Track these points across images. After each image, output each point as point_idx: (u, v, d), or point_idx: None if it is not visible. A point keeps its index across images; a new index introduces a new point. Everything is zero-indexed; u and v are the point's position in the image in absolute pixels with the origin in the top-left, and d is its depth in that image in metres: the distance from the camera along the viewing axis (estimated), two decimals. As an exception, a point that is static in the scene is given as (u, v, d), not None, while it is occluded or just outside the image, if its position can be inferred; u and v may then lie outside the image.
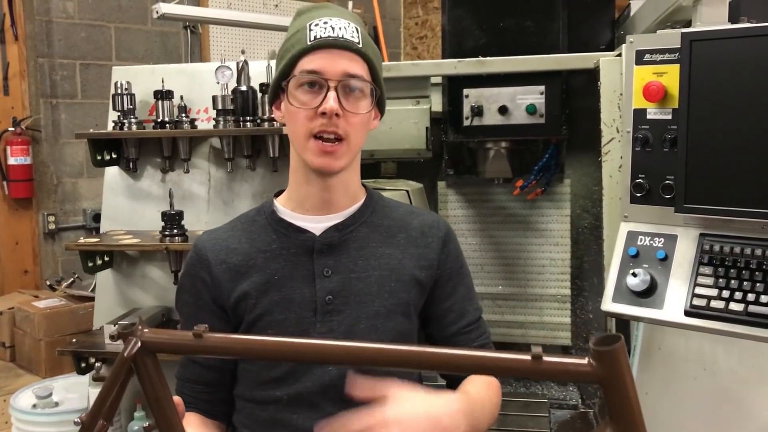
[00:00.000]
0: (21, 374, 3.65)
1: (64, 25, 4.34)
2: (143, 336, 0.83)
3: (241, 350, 0.85)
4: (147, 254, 2.20)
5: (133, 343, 0.82)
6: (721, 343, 1.47)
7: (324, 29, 1.17)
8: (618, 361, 0.73)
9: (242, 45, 4.73)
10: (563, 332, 2.28)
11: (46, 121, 4.31)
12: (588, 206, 2.24)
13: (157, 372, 0.84)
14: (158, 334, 0.84)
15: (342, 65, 1.16)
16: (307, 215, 1.26)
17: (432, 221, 1.33)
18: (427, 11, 5.01)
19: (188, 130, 2.14)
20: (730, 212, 1.26)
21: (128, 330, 0.83)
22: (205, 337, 0.82)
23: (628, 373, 0.74)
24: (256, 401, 1.23)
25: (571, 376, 0.77)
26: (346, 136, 1.17)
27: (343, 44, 1.17)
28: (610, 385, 0.74)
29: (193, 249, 1.29)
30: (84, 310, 3.61)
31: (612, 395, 0.74)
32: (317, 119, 1.16)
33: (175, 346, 0.85)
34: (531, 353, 0.75)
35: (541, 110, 1.96)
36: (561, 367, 0.76)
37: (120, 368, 0.83)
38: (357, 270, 1.23)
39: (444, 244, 1.30)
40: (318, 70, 1.16)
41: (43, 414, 2.50)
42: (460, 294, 1.31)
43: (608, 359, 0.73)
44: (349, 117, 1.17)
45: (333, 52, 1.17)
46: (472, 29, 2.07)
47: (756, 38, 1.21)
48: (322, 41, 1.16)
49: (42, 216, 4.32)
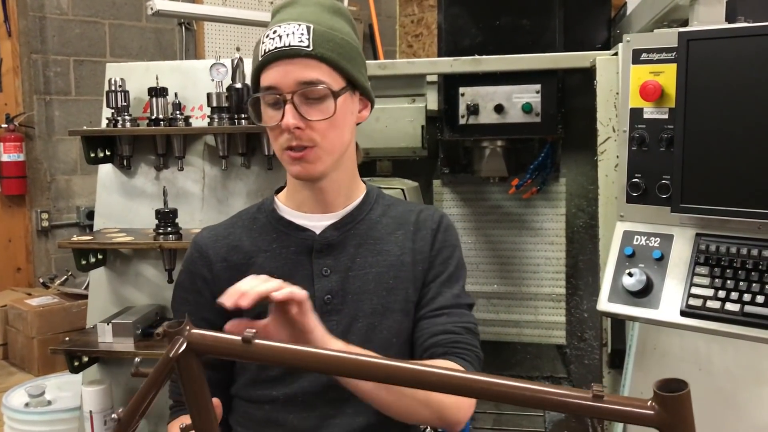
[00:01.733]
0: (13, 372, 3.63)
1: (57, 21, 4.32)
2: (190, 336, 0.80)
3: (291, 359, 0.81)
4: (141, 252, 2.19)
5: (180, 343, 0.80)
6: (717, 343, 1.47)
7: (272, 40, 1.14)
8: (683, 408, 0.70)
9: (237, 42, 4.71)
10: (558, 331, 2.28)
11: (39, 118, 4.29)
12: (583, 205, 2.24)
13: (200, 375, 0.82)
14: (205, 337, 0.81)
15: (293, 75, 1.13)
16: (306, 214, 1.25)
17: (427, 215, 1.31)
18: (423, 9, 5.01)
19: (182, 127, 2.13)
20: (726, 212, 1.25)
21: (175, 329, 0.80)
22: (255, 344, 0.79)
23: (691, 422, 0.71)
24: (252, 400, 1.23)
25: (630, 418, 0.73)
26: (315, 143, 1.15)
27: (290, 53, 1.13)
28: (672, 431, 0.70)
29: (193, 246, 1.27)
30: (77, 308, 3.60)
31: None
32: (283, 135, 1.15)
33: (223, 350, 0.82)
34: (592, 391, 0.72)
35: (536, 109, 1.96)
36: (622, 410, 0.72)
37: (163, 368, 0.81)
38: (355, 268, 1.22)
39: (435, 234, 1.28)
40: (273, 85, 1.14)
41: (36, 413, 2.48)
42: (439, 280, 1.26)
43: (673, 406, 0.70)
44: (313, 125, 1.14)
45: (283, 63, 1.13)
46: (468, 27, 2.07)
47: (753, 38, 1.21)
48: (271, 54, 1.14)
49: (35, 213, 4.30)
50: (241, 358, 0.83)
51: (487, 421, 1.92)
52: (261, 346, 0.80)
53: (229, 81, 2.09)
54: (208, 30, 4.77)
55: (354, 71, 1.19)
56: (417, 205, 1.38)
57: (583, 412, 0.74)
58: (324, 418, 1.19)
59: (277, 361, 0.83)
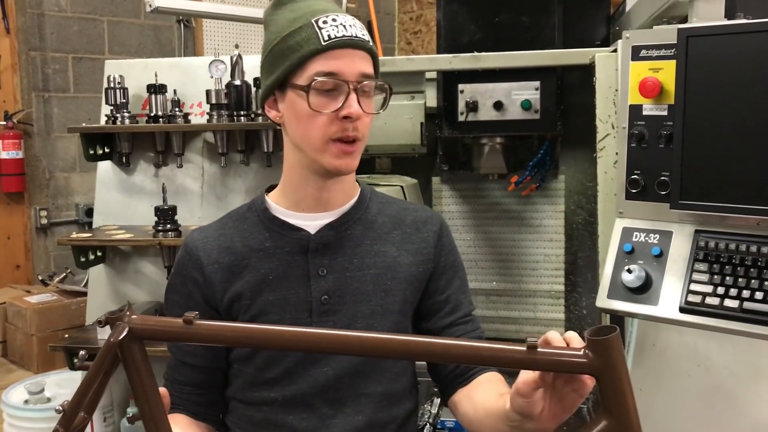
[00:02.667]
0: (13, 369, 3.64)
1: (56, 19, 4.31)
2: (131, 322, 0.81)
3: (231, 338, 0.83)
4: (140, 249, 2.19)
5: (121, 328, 0.80)
6: (715, 340, 1.48)
7: (336, 28, 1.12)
8: (613, 350, 0.72)
9: (236, 39, 4.71)
10: (557, 328, 2.27)
11: (38, 115, 4.28)
12: (582, 202, 2.24)
13: (143, 360, 0.82)
14: (147, 321, 0.82)
15: (359, 66, 1.13)
16: (301, 213, 1.23)
17: (426, 216, 1.31)
18: (422, 6, 5.00)
19: (181, 124, 2.13)
20: (725, 208, 1.25)
21: (116, 315, 0.81)
22: (196, 324, 0.80)
23: (623, 364, 0.73)
24: (250, 402, 1.22)
25: (565, 366, 0.75)
26: (362, 137, 1.15)
27: (359, 44, 1.13)
28: (604, 376, 0.73)
29: (184, 248, 1.26)
30: (76, 305, 3.60)
31: (606, 386, 0.73)
32: (337, 123, 1.12)
33: (164, 333, 0.83)
34: (526, 344, 0.74)
35: (536, 106, 1.95)
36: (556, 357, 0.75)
37: (106, 354, 0.81)
38: (352, 269, 1.21)
39: (438, 237, 1.29)
40: (336, 72, 1.11)
41: (35, 410, 2.49)
42: (455, 286, 1.29)
43: (603, 349, 0.72)
44: (364, 118, 1.14)
45: (349, 53, 1.12)
46: (467, 24, 2.06)
47: (752, 34, 1.21)
48: (338, 41, 1.11)
49: (34, 210, 4.30)
50: (184, 339, 0.83)
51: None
52: (201, 326, 0.81)
53: (228, 78, 2.09)
54: (207, 27, 4.77)
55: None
56: (410, 204, 1.39)
57: (518, 364, 0.76)
58: (323, 418, 1.18)
59: (218, 340, 0.84)
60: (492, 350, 0.76)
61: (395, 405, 1.24)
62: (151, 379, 0.83)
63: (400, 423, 1.24)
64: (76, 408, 0.82)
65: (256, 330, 0.82)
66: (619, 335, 0.72)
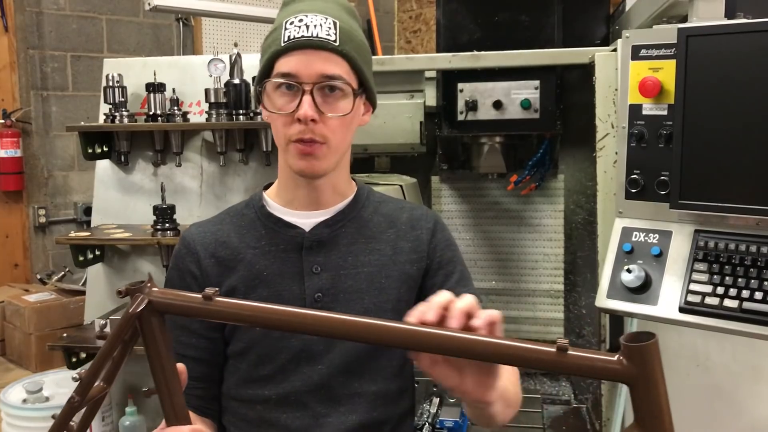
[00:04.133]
0: (11, 368, 3.63)
1: (54, 17, 4.30)
2: (151, 294, 0.80)
3: (250, 316, 0.81)
4: (138, 248, 2.19)
5: (140, 300, 0.80)
6: (714, 340, 1.48)
7: (298, 28, 1.12)
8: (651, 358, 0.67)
9: (235, 38, 4.71)
10: (556, 327, 2.28)
11: (36, 114, 4.28)
12: (581, 202, 2.23)
13: (162, 333, 0.81)
14: (167, 294, 0.81)
15: (317, 67, 1.12)
16: (296, 210, 1.24)
17: (420, 214, 1.30)
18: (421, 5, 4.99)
19: (180, 123, 2.13)
20: (725, 208, 1.25)
21: (136, 287, 0.80)
22: (215, 300, 0.79)
23: (660, 374, 0.67)
24: (244, 400, 1.22)
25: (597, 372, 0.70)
26: (326, 140, 1.14)
27: (318, 44, 1.12)
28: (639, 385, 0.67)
29: (181, 242, 1.27)
30: (75, 304, 3.59)
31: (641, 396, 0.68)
32: (294, 125, 1.12)
33: (183, 308, 0.81)
34: (556, 344, 0.69)
35: (535, 105, 1.95)
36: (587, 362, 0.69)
37: (125, 325, 0.80)
38: (347, 267, 1.21)
39: (432, 234, 1.28)
40: (292, 72, 1.12)
41: (34, 409, 2.48)
42: (453, 280, 1.26)
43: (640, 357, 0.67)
44: (327, 120, 1.13)
45: (307, 53, 1.12)
46: (467, 23, 2.06)
47: (752, 34, 1.21)
48: (296, 42, 1.12)
49: (32, 209, 4.30)
50: (201, 315, 0.82)
51: (485, 418, 1.91)
52: (221, 303, 0.80)
53: (227, 77, 2.08)
54: (206, 25, 4.76)
55: (368, 74, 1.19)
56: (407, 203, 1.38)
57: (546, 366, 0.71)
58: (317, 417, 1.18)
59: (237, 318, 0.82)
60: (518, 349, 0.71)
61: (390, 405, 1.23)
62: (168, 353, 0.82)
63: (395, 423, 1.24)
64: (93, 376, 0.81)
65: (276, 310, 0.80)
66: (657, 343, 0.67)
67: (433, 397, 1.83)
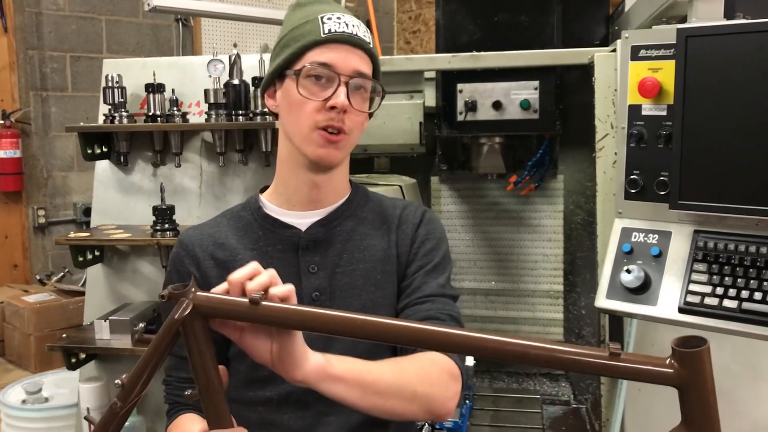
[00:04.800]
0: (10, 369, 3.62)
1: (54, 17, 4.30)
2: (196, 299, 0.80)
3: (298, 321, 0.82)
4: (138, 249, 2.19)
5: (185, 305, 0.79)
6: (714, 340, 1.46)
7: (338, 24, 1.17)
8: (703, 363, 0.68)
9: (235, 38, 4.70)
10: (555, 328, 2.28)
11: (36, 114, 4.28)
12: (581, 202, 2.23)
13: (205, 338, 0.81)
14: (211, 299, 0.81)
15: (353, 62, 1.17)
16: (293, 211, 1.25)
17: (411, 210, 1.31)
18: (421, 5, 4.99)
19: (180, 123, 2.12)
20: (724, 209, 1.25)
21: (180, 291, 0.80)
22: (262, 306, 0.79)
23: (711, 379, 0.68)
24: (246, 402, 1.22)
25: (648, 377, 0.70)
26: (350, 132, 1.18)
27: (357, 42, 1.18)
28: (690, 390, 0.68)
29: (179, 244, 1.27)
30: (74, 305, 3.59)
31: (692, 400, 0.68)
32: (324, 112, 1.16)
33: (229, 312, 0.81)
34: (608, 349, 0.70)
35: (535, 105, 1.95)
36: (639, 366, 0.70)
37: (169, 331, 0.80)
38: (342, 264, 1.22)
39: (416, 227, 1.28)
40: (330, 63, 1.16)
41: (33, 409, 2.48)
42: (424, 270, 1.25)
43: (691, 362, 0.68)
44: (353, 114, 1.17)
45: (346, 48, 1.17)
46: (466, 24, 2.06)
47: (751, 34, 1.21)
48: (337, 35, 1.17)
49: (32, 210, 4.29)
50: (248, 319, 0.81)
51: (485, 418, 1.92)
52: (268, 308, 0.79)
53: (226, 77, 2.08)
54: (206, 26, 4.76)
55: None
56: (402, 200, 1.39)
57: (600, 371, 0.71)
58: (319, 416, 1.18)
59: (286, 323, 0.82)
60: (570, 353, 0.71)
61: None
62: (211, 357, 0.82)
63: (397, 423, 1.24)
64: (136, 382, 0.82)
65: (323, 315, 0.81)
66: (709, 348, 0.68)
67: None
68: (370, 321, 0.79)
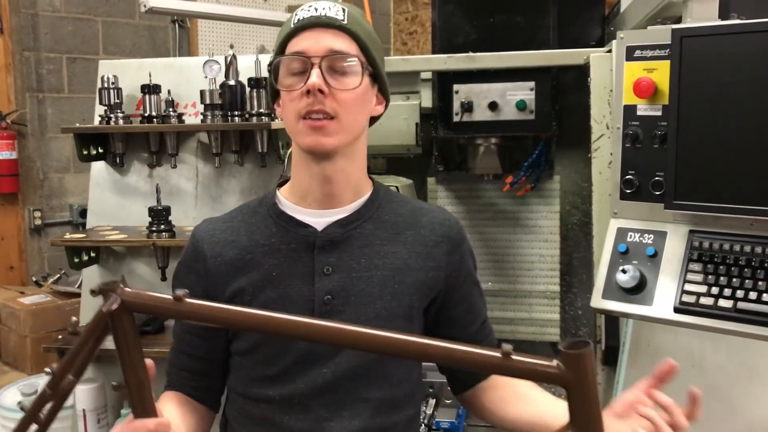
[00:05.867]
0: (6, 371, 3.62)
1: (50, 19, 4.29)
2: (124, 294, 0.83)
3: (219, 318, 0.85)
4: (134, 250, 2.18)
5: (113, 299, 0.82)
6: (710, 340, 1.48)
7: (308, 11, 1.16)
8: (584, 365, 0.73)
9: (231, 39, 4.70)
10: (552, 328, 2.28)
11: (32, 116, 4.27)
12: (577, 202, 2.24)
13: (132, 332, 0.84)
14: (138, 295, 0.84)
15: (325, 42, 1.13)
16: (309, 209, 1.20)
17: (442, 219, 1.27)
18: (417, 7, 5.00)
19: (176, 124, 2.12)
20: (719, 209, 1.26)
21: (109, 286, 0.83)
22: (185, 302, 0.82)
23: (593, 379, 0.74)
24: (249, 397, 1.21)
25: (538, 376, 0.77)
26: (335, 114, 1.12)
27: (326, 22, 1.14)
28: (575, 390, 0.74)
29: (191, 238, 1.25)
30: (70, 307, 3.58)
31: (576, 400, 0.75)
32: (303, 99, 1.12)
33: (154, 308, 0.85)
34: (501, 350, 0.75)
35: (531, 106, 1.96)
36: (529, 366, 0.76)
37: (97, 323, 0.83)
38: (359, 269, 1.18)
39: (456, 245, 1.25)
40: (302, 50, 1.13)
41: (29, 411, 2.47)
42: (474, 294, 1.32)
43: (575, 363, 0.73)
44: (336, 94, 1.12)
45: (316, 31, 1.14)
46: (463, 25, 2.07)
47: (746, 35, 1.21)
48: (305, 21, 1.14)
49: (28, 211, 4.28)
50: (173, 316, 0.85)
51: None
52: (191, 305, 0.83)
53: (222, 78, 2.08)
54: (202, 27, 4.75)
55: (379, 61, 1.19)
56: (426, 204, 1.34)
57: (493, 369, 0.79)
58: (319, 420, 1.17)
59: (207, 319, 0.85)
60: (467, 353, 0.78)
61: (395, 411, 1.21)
62: (138, 350, 0.85)
63: (400, 429, 1.23)
64: (65, 371, 0.85)
65: (244, 314, 0.84)
66: (591, 351, 0.74)
67: (429, 399, 1.83)
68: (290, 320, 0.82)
